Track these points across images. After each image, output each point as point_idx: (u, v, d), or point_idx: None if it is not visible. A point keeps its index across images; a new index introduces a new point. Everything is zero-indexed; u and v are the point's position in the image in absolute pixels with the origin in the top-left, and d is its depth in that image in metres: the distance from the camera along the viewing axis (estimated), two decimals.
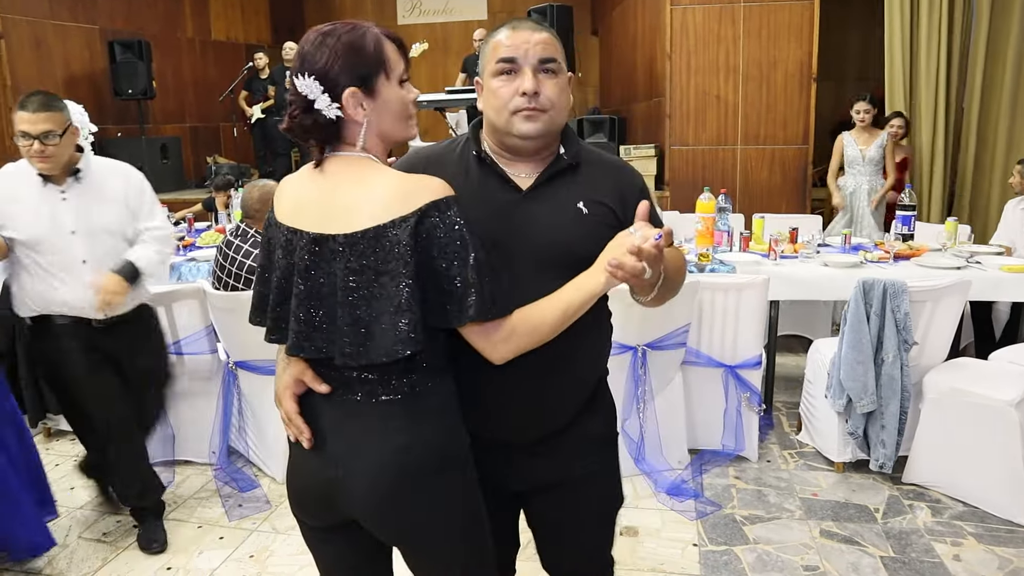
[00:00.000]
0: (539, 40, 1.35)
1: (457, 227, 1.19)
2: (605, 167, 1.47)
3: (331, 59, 1.21)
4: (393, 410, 1.27)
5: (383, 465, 1.26)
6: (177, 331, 3.20)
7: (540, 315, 1.27)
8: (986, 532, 2.71)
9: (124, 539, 2.81)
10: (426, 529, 1.31)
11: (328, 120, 1.24)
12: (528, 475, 1.51)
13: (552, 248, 1.36)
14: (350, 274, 1.20)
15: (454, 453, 1.31)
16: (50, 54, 7.46)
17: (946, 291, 3.00)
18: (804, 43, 5.65)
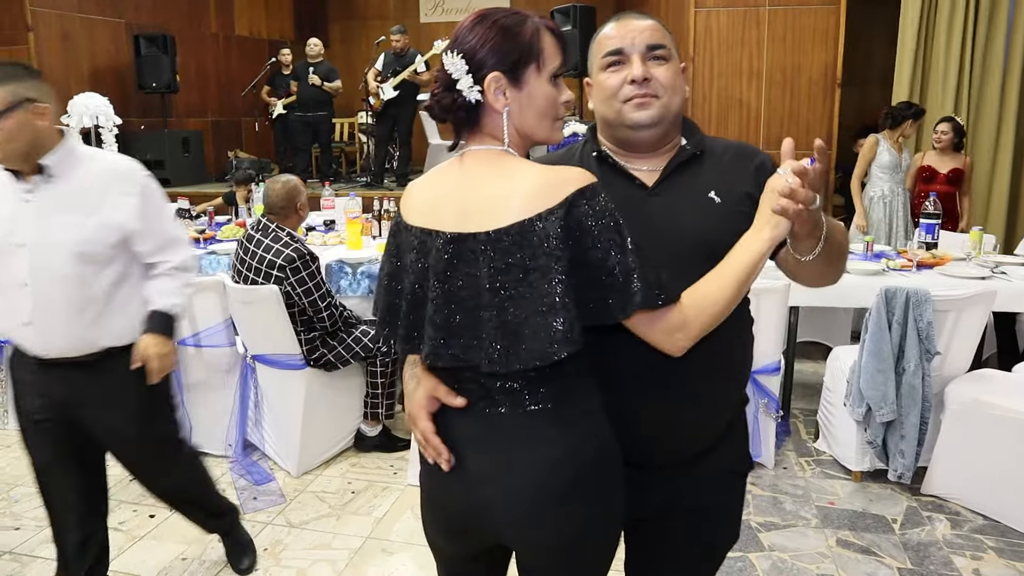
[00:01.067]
0: (645, 27, 1.31)
1: (609, 213, 1.10)
2: (731, 152, 1.37)
3: (481, 40, 1.15)
4: (543, 421, 1.17)
5: (536, 480, 1.17)
6: (196, 323, 3.22)
7: (711, 290, 1.17)
8: (1007, 547, 2.67)
9: (140, 528, 2.83)
10: (578, 549, 1.21)
11: (467, 103, 1.17)
12: (650, 501, 1.37)
13: (688, 243, 1.26)
14: (496, 274, 1.12)
15: (611, 463, 1.22)
16: (77, 47, 7.55)
17: (970, 301, 2.96)
18: (829, 48, 5.60)
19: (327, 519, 2.88)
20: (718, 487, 1.40)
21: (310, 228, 4.64)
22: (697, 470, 1.37)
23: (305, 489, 3.12)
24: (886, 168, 4.95)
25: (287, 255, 3.05)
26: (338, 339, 3.23)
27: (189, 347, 3.26)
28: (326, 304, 3.14)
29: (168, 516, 2.91)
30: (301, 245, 3.13)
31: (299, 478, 3.20)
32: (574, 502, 1.18)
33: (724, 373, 1.35)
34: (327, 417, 3.30)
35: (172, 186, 7.65)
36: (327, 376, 3.25)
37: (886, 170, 4.96)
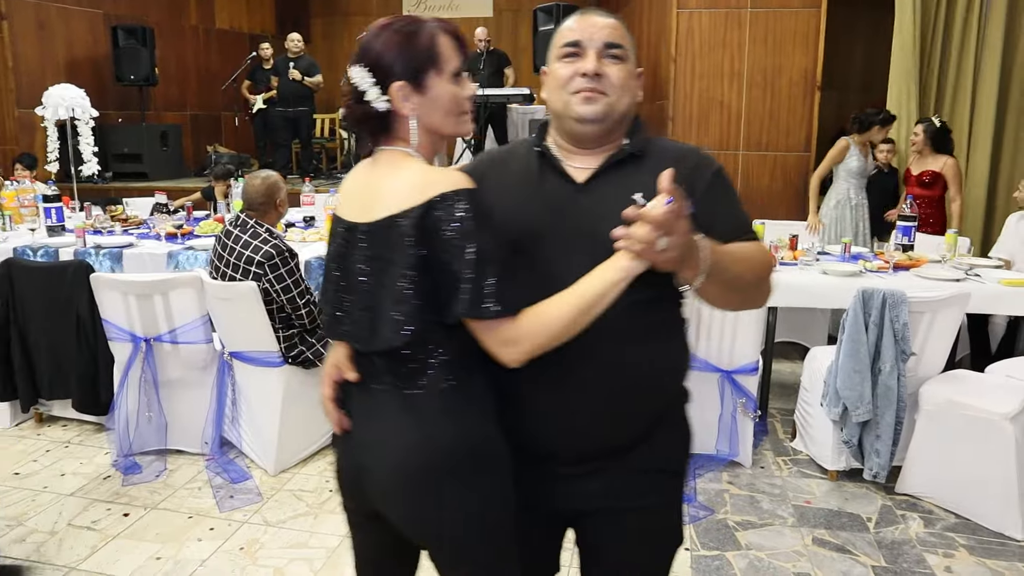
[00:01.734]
0: (606, 24, 1.33)
1: (462, 220, 1.16)
2: (675, 156, 1.35)
3: (383, 52, 1.23)
4: (413, 403, 1.26)
5: (399, 457, 1.26)
6: (173, 319, 3.19)
7: (549, 313, 1.19)
8: (978, 544, 2.71)
9: (113, 527, 2.79)
10: (442, 526, 1.28)
11: (377, 112, 1.25)
12: (575, 496, 1.39)
13: (606, 242, 1.23)
14: (366, 262, 1.24)
15: (479, 454, 1.27)
16: (53, 37, 7.43)
17: (945, 303, 3.00)
18: (810, 51, 5.64)
19: (304, 518, 2.86)
20: (644, 488, 1.38)
21: (289, 224, 4.61)
22: (617, 470, 1.37)
23: (282, 487, 3.09)
24: (854, 173, 5.00)
25: (266, 251, 3.02)
26: (317, 336, 3.21)
27: (165, 343, 3.22)
28: (305, 301, 3.11)
29: (143, 515, 2.87)
30: (280, 241, 3.10)
31: (276, 476, 3.18)
32: (428, 485, 1.25)
33: (625, 379, 1.31)
34: (305, 415, 3.28)
35: (150, 180, 7.57)
36: (305, 374, 3.22)
37: (854, 175, 5.01)
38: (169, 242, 4.15)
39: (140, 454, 3.30)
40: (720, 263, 1.21)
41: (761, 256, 1.35)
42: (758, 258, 1.33)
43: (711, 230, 1.25)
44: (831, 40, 5.78)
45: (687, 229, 1.13)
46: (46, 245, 4.04)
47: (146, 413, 3.27)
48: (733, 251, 1.25)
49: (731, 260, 1.24)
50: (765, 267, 1.35)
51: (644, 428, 1.37)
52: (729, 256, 1.24)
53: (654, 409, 1.38)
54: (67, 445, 3.49)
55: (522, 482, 1.35)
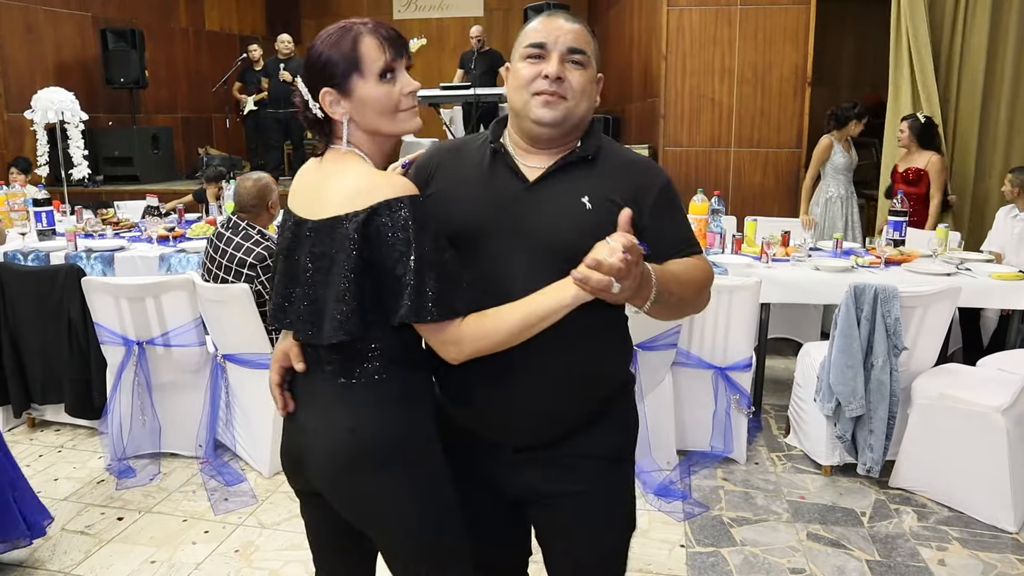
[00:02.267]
0: (571, 29, 1.35)
1: (404, 226, 1.21)
2: (625, 164, 1.41)
3: (313, 60, 1.30)
4: (348, 394, 1.32)
5: (331, 445, 1.32)
6: (166, 322, 3.18)
7: (495, 321, 1.25)
8: (971, 537, 2.72)
9: (108, 531, 2.78)
10: (375, 516, 1.34)
11: (317, 118, 1.31)
12: (521, 483, 1.45)
13: (550, 242, 1.31)
14: (311, 258, 1.29)
15: (409, 444, 1.32)
16: (41, 40, 7.40)
17: (936, 297, 3.01)
18: (800, 47, 5.66)
19: (299, 519, 2.83)
20: (587, 474, 1.42)
21: None
22: (560, 456, 1.42)
23: (277, 489, 3.09)
24: (840, 170, 5.01)
25: (258, 253, 3.01)
26: None
27: (158, 347, 3.21)
28: None
29: (137, 519, 2.86)
30: (272, 243, 3.10)
31: (271, 478, 3.17)
32: (357, 475, 1.31)
33: (585, 357, 1.37)
34: None
35: (141, 183, 7.55)
36: None
37: (840, 171, 5.02)
38: (161, 245, 4.14)
39: (134, 458, 3.29)
40: (667, 288, 1.26)
41: (701, 273, 1.40)
42: (699, 275, 1.39)
43: (658, 244, 1.33)
44: (821, 36, 5.80)
45: (639, 271, 1.18)
46: (37, 249, 4.02)
47: (139, 417, 3.26)
48: (678, 273, 1.31)
49: (676, 283, 1.30)
50: (705, 282, 1.42)
51: (583, 419, 1.41)
52: (674, 280, 1.29)
53: (593, 401, 1.42)
54: (60, 450, 3.47)
55: (477, 466, 1.44)
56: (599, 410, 1.44)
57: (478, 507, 1.47)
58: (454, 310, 1.23)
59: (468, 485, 1.44)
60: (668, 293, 1.27)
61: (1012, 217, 4.29)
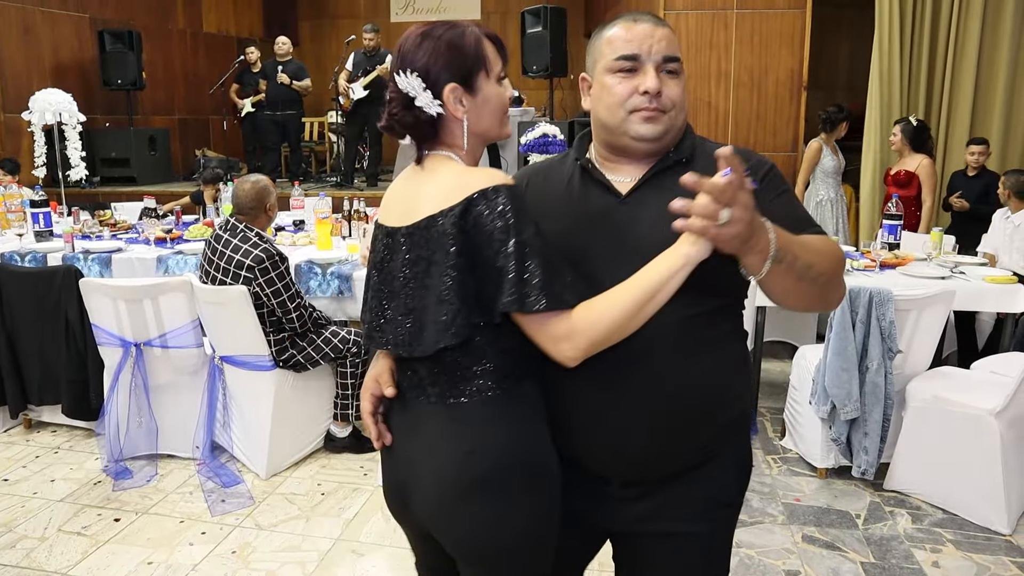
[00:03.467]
0: (663, 36, 1.25)
1: (502, 213, 1.13)
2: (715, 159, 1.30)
3: (432, 57, 1.22)
4: (459, 415, 1.22)
5: (447, 470, 1.21)
6: (163, 324, 3.18)
7: (606, 304, 1.14)
8: (965, 539, 2.74)
9: (104, 532, 2.79)
10: (484, 547, 1.24)
11: (428, 117, 1.23)
12: (623, 517, 1.34)
13: (644, 252, 1.17)
14: (407, 265, 1.22)
15: (528, 468, 1.22)
16: (39, 41, 7.39)
17: (931, 300, 3.03)
18: (795, 51, 5.69)
19: (296, 521, 2.86)
20: (692, 515, 1.32)
21: (279, 228, 4.60)
22: (666, 494, 1.32)
23: (274, 491, 3.09)
24: (830, 173, 5.04)
25: (256, 255, 3.02)
26: (307, 340, 3.21)
27: (156, 348, 3.21)
28: (295, 305, 3.12)
29: (134, 520, 2.87)
30: (270, 245, 3.11)
31: (268, 480, 3.18)
32: (476, 501, 1.20)
33: (679, 398, 1.25)
34: (296, 418, 3.28)
35: (138, 185, 7.54)
36: (296, 377, 3.23)
37: (830, 175, 5.05)
38: (158, 247, 4.14)
39: (131, 459, 3.29)
40: (790, 248, 1.11)
41: (832, 248, 1.23)
42: (829, 249, 1.22)
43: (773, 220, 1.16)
44: (816, 40, 5.84)
45: (750, 203, 1.04)
46: (34, 250, 4.02)
47: (136, 418, 3.26)
48: (804, 240, 1.17)
49: (801, 247, 1.14)
50: (837, 260, 1.23)
51: (699, 453, 1.30)
52: (799, 243, 1.14)
53: (709, 431, 1.30)
54: (57, 451, 3.47)
55: (572, 496, 1.31)
56: (714, 444, 1.32)
57: (579, 535, 1.40)
58: (562, 300, 1.13)
59: (573, 513, 1.35)
60: (793, 255, 1.11)
61: (1005, 219, 4.32)
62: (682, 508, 1.32)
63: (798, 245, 1.13)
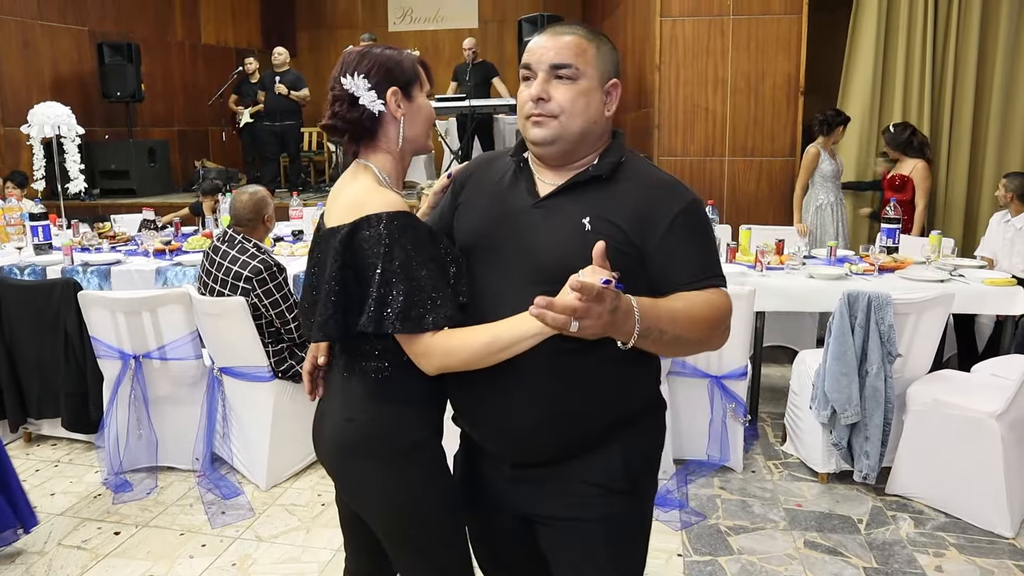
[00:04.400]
0: (555, 45, 1.30)
1: (378, 240, 1.27)
2: (643, 185, 1.32)
3: (377, 65, 1.39)
4: (351, 387, 1.42)
5: (331, 435, 1.44)
6: (162, 336, 3.18)
7: (462, 341, 1.27)
8: (968, 543, 2.73)
9: (104, 546, 2.78)
10: (365, 501, 1.44)
11: (370, 114, 1.39)
12: (522, 500, 1.41)
13: (542, 262, 1.27)
14: (315, 264, 1.40)
15: (399, 440, 1.38)
16: (38, 55, 7.42)
17: (929, 304, 3.03)
18: (792, 56, 5.70)
19: (297, 532, 2.86)
20: (588, 502, 1.36)
21: (278, 238, 4.60)
22: (554, 478, 1.37)
23: (274, 502, 3.08)
24: (828, 177, 5.03)
25: (254, 266, 3.02)
26: (306, 350, 3.20)
27: (155, 360, 3.21)
28: (294, 315, 3.11)
29: (134, 533, 2.86)
30: (268, 256, 3.11)
31: (268, 491, 3.17)
32: (349, 461, 1.42)
33: (551, 402, 1.31)
34: (296, 429, 3.27)
35: (138, 196, 7.55)
36: (295, 388, 3.22)
37: (829, 179, 5.04)
38: (157, 258, 4.15)
39: (130, 472, 3.29)
40: (656, 326, 1.17)
41: (711, 310, 1.27)
42: (707, 312, 1.26)
43: (666, 274, 1.27)
44: (813, 45, 5.84)
45: (605, 311, 1.08)
46: (33, 263, 4.02)
47: (136, 430, 3.26)
48: (676, 309, 1.21)
49: (671, 320, 1.20)
50: (715, 320, 1.28)
51: (578, 444, 1.35)
52: (669, 317, 1.19)
53: (588, 429, 1.34)
54: (56, 464, 3.47)
55: (483, 476, 1.45)
56: (601, 436, 1.36)
57: (487, 517, 1.48)
58: (420, 324, 1.28)
59: (480, 495, 1.46)
60: (659, 331, 1.17)
61: (1005, 222, 4.32)
62: (569, 494, 1.37)
63: (667, 320, 1.19)
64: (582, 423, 1.34)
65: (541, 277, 1.25)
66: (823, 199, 5.09)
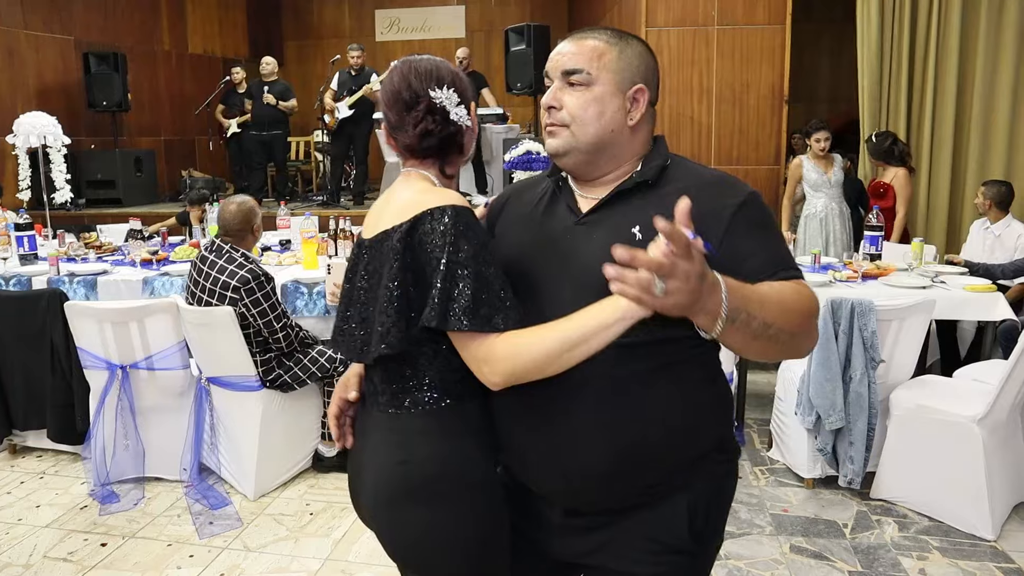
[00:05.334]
0: (568, 51, 1.23)
1: (443, 232, 1.18)
2: (694, 185, 1.18)
3: (456, 77, 1.33)
4: (401, 424, 1.28)
5: (378, 479, 1.28)
6: (149, 346, 3.17)
7: (531, 338, 1.13)
8: (951, 546, 2.76)
9: (91, 558, 2.76)
10: (418, 551, 1.29)
11: (459, 129, 1.33)
12: (571, 548, 1.30)
13: (592, 276, 1.08)
14: (365, 276, 1.29)
15: (460, 478, 1.25)
16: (23, 64, 7.40)
17: (911, 310, 3.07)
18: (776, 66, 5.77)
19: (285, 542, 2.85)
20: (635, 556, 1.24)
21: (265, 248, 4.60)
22: (609, 529, 1.26)
23: (262, 512, 3.08)
24: (816, 186, 5.08)
25: (241, 276, 3.02)
26: (294, 360, 3.21)
27: (142, 370, 3.20)
28: (281, 325, 3.12)
29: (121, 544, 2.85)
30: (256, 266, 3.11)
31: (256, 501, 3.16)
32: (405, 509, 1.26)
33: (617, 433, 1.19)
34: (284, 438, 3.27)
35: (124, 206, 7.53)
36: (283, 397, 3.22)
37: (816, 188, 5.08)
38: (144, 268, 4.14)
39: (117, 483, 3.27)
40: (745, 307, 1.03)
41: (797, 299, 1.12)
42: (793, 302, 1.11)
43: (735, 275, 1.06)
44: (797, 55, 5.92)
45: (694, 272, 0.94)
46: (18, 274, 4.00)
47: (123, 441, 3.25)
48: (765, 294, 1.08)
49: (760, 304, 1.05)
50: (802, 314, 1.12)
51: (641, 491, 1.23)
52: (758, 300, 1.05)
53: (652, 470, 1.22)
54: (42, 476, 3.45)
55: (528, 522, 1.32)
56: (667, 479, 1.23)
57: (528, 561, 1.36)
58: (489, 323, 1.15)
59: (521, 539, 1.34)
60: (748, 315, 1.03)
61: (984, 229, 4.38)
62: (624, 547, 1.25)
63: (756, 304, 1.05)
64: (647, 459, 1.20)
65: (590, 294, 1.10)
66: (810, 209, 5.14)
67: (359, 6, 10.51)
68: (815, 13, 8.64)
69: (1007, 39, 5.34)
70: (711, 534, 1.28)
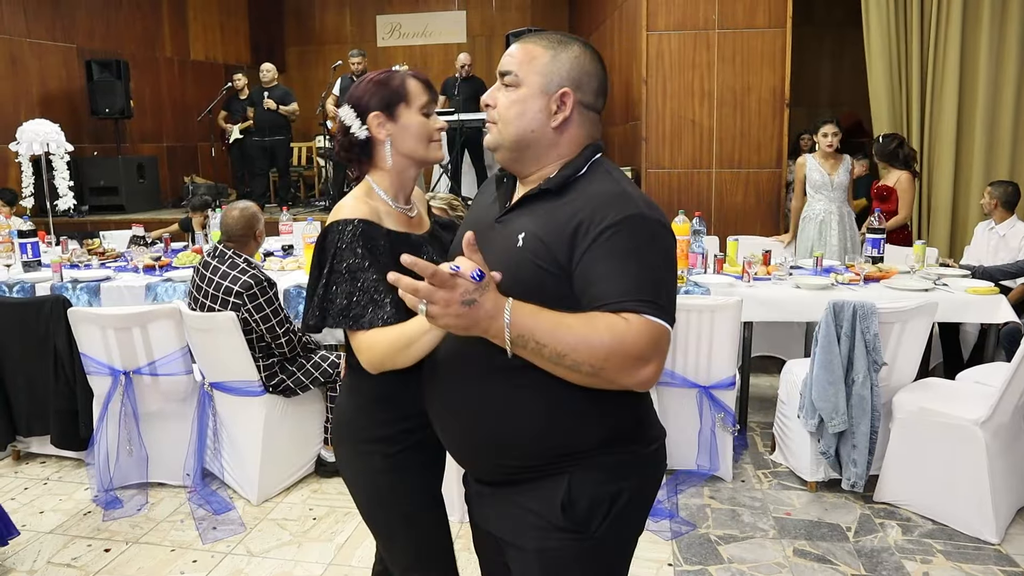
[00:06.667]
0: (508, 53, 1.31)
1: (335, 243, 1.41)
2: (587, 197, 1.21)
3: (361, 91, 1.52)
4: (347, 375, 1.61)
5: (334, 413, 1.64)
6: (153, 352, 3.18)
7: (380, 336, 1.36)
8: (954, 549, 2.76)
9: (95, 563, 2.77)
10: (347, 479, 1.61)
11: (359, 141, 1.52)
12: (477, 511, 1.44)
13: None
14: None
15: (365, 432, 1.54)
16: (26, 72, 7.43)
17: (914, 313, 3.07)
18: (777, 69, 5.78)
19: (288, 547, 2.85)
20: (520, 528, 1.29)
21: (268, 253, 4.61)
22: (501, 499, 1.32)
23: (265, 517, 3.08)
24: (818, 187, 5.02)
25: (244, 281, 3.03)
26: (297, 364, 3.22)
27: (145, 376, 3.21)
28: (284, 330, 3.12)
29: (124, 550, 2.85)
30: (258, 271, 3.12)
31: (259, 506, 3.16)
32: (337, 443, 1.61)
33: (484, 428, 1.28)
34: (287, 443, 3.27)
35: (127, 212, 7.55)
36: (286, 402, 3.23)
37: (818, 189, 5.03)
38: (147, 274, 4.14)
39: (121, 488, 3.28)
40: (532, 336, 1.07)
41: (610, 335, 1.08)
42: (604, 336, 1.08)
43: (583, 293, 1.14)
44: (798, 58, 5.93)
45: (454, 299, 1.04)
46: (22, 281, 4.01)
47: (126, 447, 3.25)
48: (564, 326, 1.08)
49: (551, 335, 1.08)
50: (611, 349, 1.08)
51: (518, 469, 1.28)
52: (550, 328, 1.08)
53: (523, 458, 1.26)
54: (46, 482, 3.45)
55: (467, 490, 1.48)
56: (545, 465, 1.26)
57: (473, 528, 1.51)
58: (358, 322, 1.38)
59: (467, 506, 1.49)
60: (537, 343, 1.07)
61: (989, 230, 4.38)
62: (511, 519, 1.31)
63: (546, 333, 1.07)
64: (514, 452, 1.26)
65: None
66: (808, 211, 5.12)
67: (360, 12, 10.53)
68: (816, 17, 8.66)
69: (1009, 39, 5.35)
70: (600, 521, 1.26)
